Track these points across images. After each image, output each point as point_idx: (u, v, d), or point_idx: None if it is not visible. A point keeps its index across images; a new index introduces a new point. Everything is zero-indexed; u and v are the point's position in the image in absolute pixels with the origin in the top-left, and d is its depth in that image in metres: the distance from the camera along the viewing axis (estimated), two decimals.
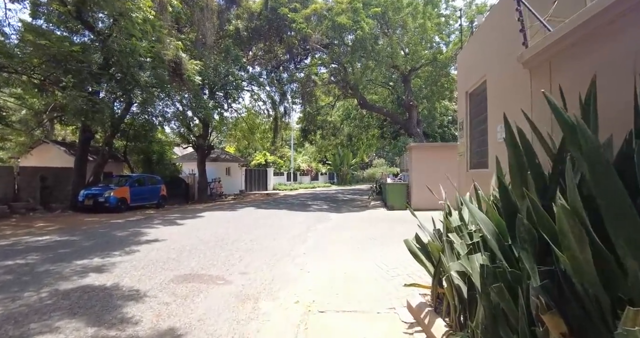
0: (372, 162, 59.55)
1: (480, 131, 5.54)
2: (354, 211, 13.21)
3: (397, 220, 9.79)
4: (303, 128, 25.87)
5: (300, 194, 25.02)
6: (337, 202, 17.65)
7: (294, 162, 36.09)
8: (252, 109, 27.02)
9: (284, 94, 23.58)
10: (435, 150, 12.73)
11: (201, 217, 10.94)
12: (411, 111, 19.28)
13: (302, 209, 13.85)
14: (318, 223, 9.63)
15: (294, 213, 12.19)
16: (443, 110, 23.08)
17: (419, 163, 12.62)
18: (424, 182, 13.15)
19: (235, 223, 9.53)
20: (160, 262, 5.26)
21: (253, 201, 19.01)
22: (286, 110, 25.22)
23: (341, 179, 41.93)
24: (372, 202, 17.28)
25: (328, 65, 19.29)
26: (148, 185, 15.33)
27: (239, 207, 14.98)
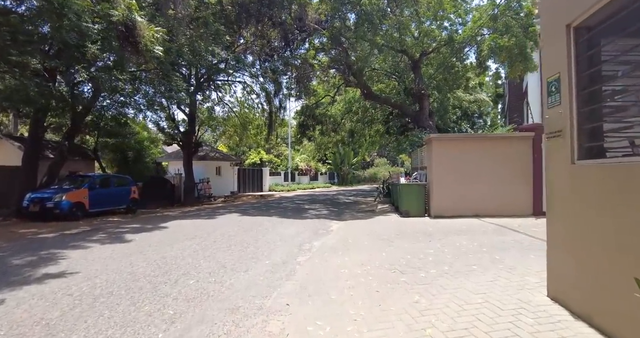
0: (373, 162, 57.38)
1: (609, 94, 3.14)
2: (359, 218, 10.78)
3: (421, 234, 7.36)
4: (300, 123, 23.45)
5: (298, 196, 22.60)
6: (338, 206, 15.23)
7: (292, 161, 33.69)
8: (245, 102, 24.76)
9: (279, 85, 21.20)
10: (463, 142, 10.30)
11: (164, 228, 8.53)
12: (422, 101, 16.83)
13: (296, 215, 11.42)
14: (314, 239, 7.20)
15: (285, 222, 9.76)
16: (456, 102, 20.63)
17: (441, 159, 10.18)
18: (448, 182, 10.69)
19: (202, 239, 7.09)
20: (14, 335, 2.84)
21: (242, 204, 16.59)
22: (281, 103, 22.83)
23: (342, 179, 39.51)
24: (379, 205, 14.84)
25: (328, 50, 16.84)
26: (114, 186, 12.90)
27: (221, 212, 12.55)
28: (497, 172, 10.11)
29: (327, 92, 21.37)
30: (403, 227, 8.43)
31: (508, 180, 10.08)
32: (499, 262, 4.93)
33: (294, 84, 19.94)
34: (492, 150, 10.14)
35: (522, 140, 10.10)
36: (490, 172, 10.13)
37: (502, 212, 9.96)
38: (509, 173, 10.10)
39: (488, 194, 10.08)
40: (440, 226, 8.34)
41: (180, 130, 21.17)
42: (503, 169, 10.11)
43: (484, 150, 10.14)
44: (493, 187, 10.08)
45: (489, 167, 10.14)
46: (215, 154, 24.65)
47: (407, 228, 8.21)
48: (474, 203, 10.07)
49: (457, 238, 6.75)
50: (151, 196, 18.52)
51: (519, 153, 10.13)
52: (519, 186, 10.07)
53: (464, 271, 4.51)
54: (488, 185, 10.08)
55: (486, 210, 10.01)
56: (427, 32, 16.16)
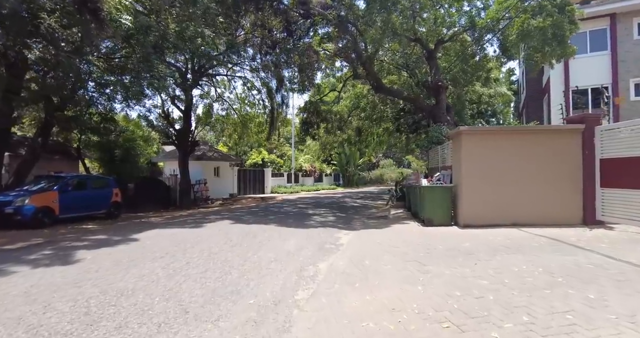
0: (379, 163, 55.68)
1: None
2: (372, 226, 9.11)
3: (458, 252, 5.69)
4: (304, 120, 21.82)
5: (301, 199, 20.96)
6: (346, 211, 13.56)
7: (295, 161, 32.07)
8: (245, 99, 23.28)
9: (281, 80, 19.64)
10: (499, 136, 8.56)
11: (133, 241, 6.91)
12: (439, 94, 15.13)
13: (298, 223, 9.77)
14: (320, 258, 5.54)
15: (285, 232, 8.11)
16: (474, 96, 18.89)
17: (472, 156, 8.48)
18: (481, 184, 8.36)
19: (174, 258, 5.46)
20: None
21: (239, 209, 14.97)
22: (284, 99, 21.27)
23: (347, 181, 37.82)
24: (392, 210, 13.15)
25: (335, 38, 15.19)
26: (92, 189, 11.34)
27: (212, 219, 10.92)
28: (539, 172, 8.40)
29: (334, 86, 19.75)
30: (430, 240, 6.75)
31: (552, 182, 8.36)
32: (600, 304, 3.26)
33: (296, 77, 18.35)
34: (533, 146, 8.43)
35: (570, 134, 8.37)
36: (531, 172, 8.42)
37: (545, 220, 8.25)
38: (553, 174, 8.38)
39: (528, 199, 8.38)
40: (476, 239, 6.66)
41: (175, 127, 19.70)
42: (547, 169, 8.40)
43: (524, 145, 8.43)
44: (534, 190, 8.37)
45: (529, 166, 8.43)
46: (214, 154, 23.11)
47: (436, 242, 6.52)
48: (511, 210, 8.37)
49: (510, 260, 5.07)
50: (144, 199, 17.02)
51: (565, 149, 8.40)
52: (565, 189, 8.35)
53: (556, 325, 2.85)
54: (528, 187, 8.38)
55: (525, 218, 8.30)
56: (445, 17, 14.49)
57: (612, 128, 7.99)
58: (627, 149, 7.49)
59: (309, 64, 13.79)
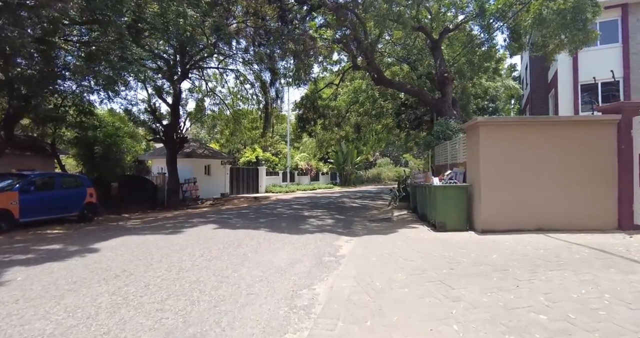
0: (376, 161, 54.68)
1: None
2: (376, 231, 8.00)
3: (489, 268, 4.59)
4: (300, 116, 20.64)
5: (297, 198, 19.82)
6: (344, 212, 12.45)
7: (291, 159, 30.90)
8: (238, 93, 22.12)
9: (276, 73, 18.49)
10: (522, 128, 7.42)
11: (91, 252, 5.73)
12: (445, 86, 14.04)
13: (292, 227, 8.63)
14: (317, 277, 4.42)
15: (276, 240, 6.96)
16: (479, 90, 17.82)
17: (492, 151, 7.37)
18: (502, 183, 7.05)
19: (131, 279, 4.30)
20: None
21: (229, 210, 13.80)
22: (278, 93, 20.10)
23: (344, 180, 36.70)
24: (396, 212, 12.06)
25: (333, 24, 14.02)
26: (61, 188, 10.12)
27: (195, 222, 9.74)
28: (568, 170, 7.32)
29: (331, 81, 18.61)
30: (448, 250, 5.64)
31: (583, 182, 7.29)
32: None
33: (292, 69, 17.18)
34: (561, 140, 7.35)
35: (604, 126, 7.30)
36: (558, 169, 7.34)
37: (574, 225, 7.18)
38: (584, 172, 7.31)
39: (555, 201, 7.30)
40: (503, 249, 5.57)
41: (163, 123, 18.48)
42: (577, 166, 7.32)
43: (550, 139, 7.35)
44: (562, 190, 7.29)
45: (557, 162, 7.35)
46: (204, 151, 21.90)
47: (456, 253, 5.41)
48: (535, 213, 7.29)
49: (559, 279, 3.98)
50: (129, 199, 15.84)
51: (598, 143, 7.33)
52: (598, 190, 7.28)
53: None
54: (555, 187, 7.30)
55: (551, 223, 7.23)
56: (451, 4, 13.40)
57: None
58: None
59: (305, 50, 12.60)
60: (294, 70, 14.23)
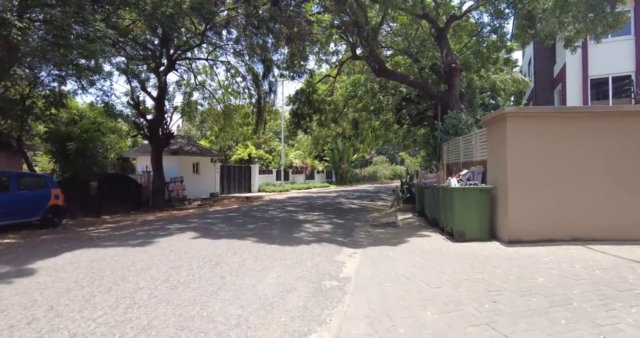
0: (372, 160, 53.65)
1: None
2: (383, 240, 6.83)
3: (552, 299, 3.45)
4: (294, 111, 19.40)
5: (291, 199, 18.60)
6: (343, 215, 11.27)
7: (285, 157, 29.64)
8: (228, 87, 20.86)
9: (268, 65, 17.25)
10: (558, 120, 6.23)
11: (21, 276, 4.41)
12: (452, 77, 12.91)
13: (285, 236, 7.41)
14: (316, 316, 3.21)
15: (263, 255, 5.74)
16: (485, 84, 16.71)
17: (522, 147, 6.22)
18: (533, 186, 5.80)
19: (55, 325, 3.07)
20: None
21: (216, 212, 12.54)
22: (271, 86, 18.85)
23: (340, 178, 35.52)
24: (400, 215, 10.92)
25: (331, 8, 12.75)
26: (17, 189, 8.79)
27: (172, 230, 8.46)
28: (610, 171, 6.20)
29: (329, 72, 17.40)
30: (480, 271, 4.48)
31: (629, 185, 6.19)
32: None
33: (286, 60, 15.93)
34: (601, 135, 6.22)
35: None
36: (599, 169, 6.22)
37: (617, 234, 6.07)
38: (630, 173, 6.20)
39: (597, 205, 6.18)
40: (548, 269, 4.42)
41: (147, 117, 17.16)
42: (621, 166, 6.21)
43: (589, 134, 6.22)
44: (606, 193, 6.17)
45: (599, 160, 6.22)
46: (192, 148, 20.57)
47: (491, 276, 4.25)
48: (571, 221, 6.17)
49: None
50: (111, 199, 14.54)
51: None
52: None
53: None
54: (597, 190, 6.18)
55: (590, 232, 6.12)
56: None
57: None
58: None
59: (300, 34, 11.34)
60: (288, 57, 12.98)
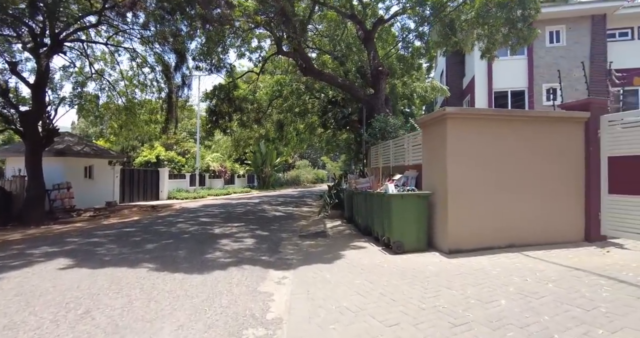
0: (294, 164, 53.20)
1: None
2: (316, 257, 5.86)
3: (525, 333, 2.78)
4: (212, 109, 17.47)
5: (207, 207, 16.63)
6: (268, 225, 10.05)
7: (201, 160, 27.07)
8: (133, 78, 18.10)
9: (182, 55, 15.21)
10: (499, 124, 5.99)
11: None
12: (379, 81, 12.72)
13: (193, 259, 5.94)
14: None
15: (158, 293, 4.25)
16: (408, 91, 17.15)
17: (463, 151, 5.85)
18: (474, 191, 5.37)
19: None
20: None
21: (107, 228, 10.19)
22: (185, 79, 16.71)
23: (263, 182, 33.98)
24: (328, 222, 10.14)
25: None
26: None
27: (33, 257, 6.21)
28: (539, 175, 6.20)
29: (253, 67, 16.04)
30: (434, 294, 3.76)
31: (554, 188, 6.25)
32: None
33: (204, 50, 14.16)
34: (533, 139, 6.20)
35: (572, 124, 6.38)
36: (530, 173, 6.18)
37: (544, 238, 6.10)
38: (555, 177, 6.27)
39: (527, 211, 6.12)
40: (502, 285, 3.92)
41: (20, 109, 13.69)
42: (548, 170, 6.25)
43: (523, 138, 6.14)
44: (533, 198, 6.14)
45: (530, 165, 6.17)
46: (84, 148, 17.17)
47: (448, 300, 3.54)
48: (507, 227, 6.00)
49: None
50: None
51: (568, 144, 6.40)
52: (567, 196, 6.33)
53: None
54: (527, 195, 6.12)
55: (523, 237, 6.03)
56: None
57: (625, 117, 6.22)
58: None
59: (219, 17, 9.84)
60: (205, 44, 11.36)
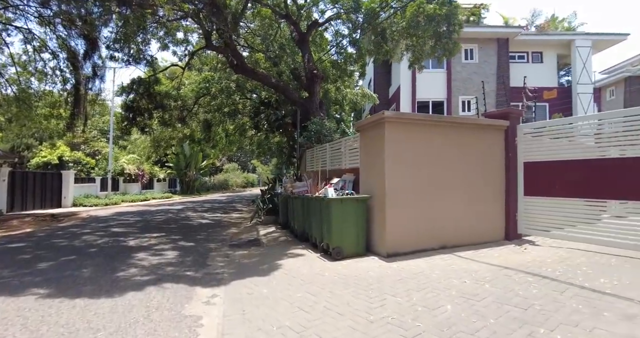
0: (222, 167, 50.99)
1: None
2: (250, 269, 5.34)
3: None
4: (129, 105, 15.60)
5: (121, 214, 14.74)
6: (192, 234, 9.13)
7: (115, 162, 24.17)
8: (29, 64, 15.55)
9: (93, 42, 13.36)
10: (433, 129, 6.12)
11: None
12: (313, 84, 12.61)
13: (101, 279, 4.97)
14: None
15: (51, 323, 3.40)
16: (339, 97, 17.40)
17: (400, 155, 5.87)
18: (410, 194, 5.48)
19: None
20: None
21: None
22: (97, 69, 14.69)
23: (186, 187, 31.61)
24: (262, 229, 9.60)
25: None
26: None
27: None
28: (468, 178, 6.55)
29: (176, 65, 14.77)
30: (379, 303, 3.57)
31: (480, 191, 6.66)
32: None
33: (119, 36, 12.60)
34: (461, 144, 6.53)
35: (494, 132, 6.88)
36: (460, 177, 6.48)
37: (472, 238, 6.45)
38: (480, 180, 6.69)
39: (461, 212, 6.40)
40: (444, 289, 3.91)
41: None
42: (476, 173, 6.64)
43: (453, 143, 6.43)
44: (463, 200, 6.46)
45: (458, 169, 6.47)
46: None
47: (396, 309, 3.37)
48: (439, 228, 6.19)
49: None
50: None
51: (491, 150, 6.87)
52: (491, 199, 6.78)
53: None
54: (457, 197, 6.40)
55: (453, 238, 6.29)
56: None
57: (537, 127, 6.88)
58: (551, 152, 6.43)
59: (141, 2, 8.69)
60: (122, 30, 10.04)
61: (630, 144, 5.28)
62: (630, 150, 5.26)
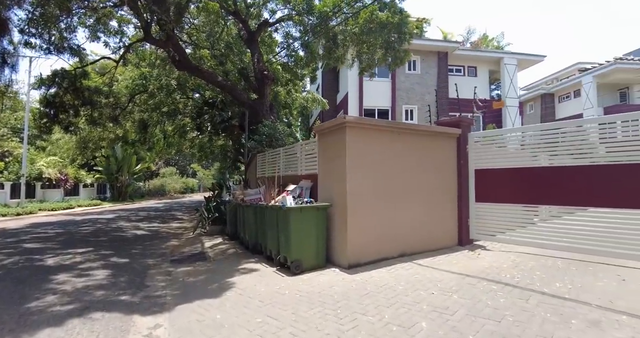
0: (159, 171, 47.67)
1: None
2: (197, 289, 4.71)
3: None
4: (50, 100, 13.61)
5: (37, 225, 12.70)
6: (126, 248, 8.04)
7: (31, 165, 21.07)
8: None
9: (1, 24, 11.45)
10: (392, 136, 5.97)
11: None
12: (263, 86, 12.09)
13: (6, 312, 4.02)
14: None
15: None
16: (290, 101, 17.03)
17: (361, 160, 5.66)
18: (372, 201, 5.36)
19: None
20: None
21: None
22: (6, 56, 12.61)
23: (118, 193, 28.77)
24: (207, 241, 8.81)
25: None
26: None
27: None
28: (424, 185, 6.57)
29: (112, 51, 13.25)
30: (353, 324, 3.25)
31: (435, 197, 6.72)
32: None
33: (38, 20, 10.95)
34: (419, 151, 6.54)
35: (447, 139, 7.02)
36: (418, 183, 6.48)
37: (428, 244, 6.49)
38: (435, 187, 6.76)
39: (419, 218, 6.39)
40: (415, 303, 3.72)
41: None
42: (431, 180, 6.69)
43: (410, 149, 6.41)
44: (422, 207, 6.46)
45: (416, 175, 6.47)
46: None
47: (373, 331, 3.07)
48: (398, 236, 6.10)
49: None
50: None
51: (445, 158, 6.99)
52: (445, 205, 6.89)
53: None
54: (414, 204, 6.38)
55: (412, 245, 6.25)
56: None
57: (486, 135, 7.16)
58: (496, 160, 6.76)
59: None
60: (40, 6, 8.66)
61: (549, 154, 5.87)
62: (558, 160, 5.78)
